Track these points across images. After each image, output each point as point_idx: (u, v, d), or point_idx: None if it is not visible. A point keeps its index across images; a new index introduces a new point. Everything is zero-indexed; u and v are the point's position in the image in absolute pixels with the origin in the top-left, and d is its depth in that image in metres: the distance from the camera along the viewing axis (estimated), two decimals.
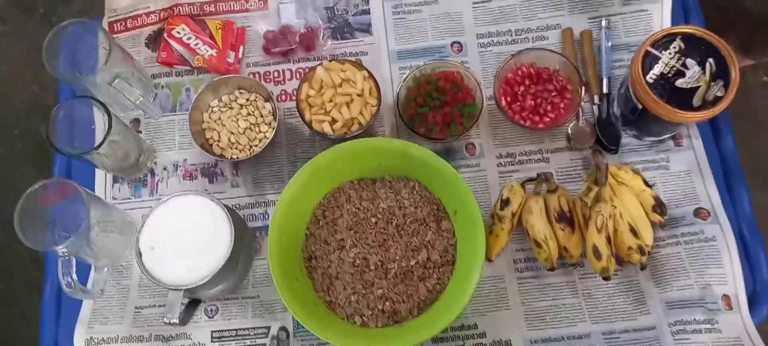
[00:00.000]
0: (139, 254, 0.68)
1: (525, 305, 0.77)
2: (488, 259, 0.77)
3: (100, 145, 0.72)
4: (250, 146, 0.83)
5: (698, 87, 0.73)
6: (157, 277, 0.68)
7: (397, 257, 0.74)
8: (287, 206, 0.74)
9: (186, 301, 0.72)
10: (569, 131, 0.85)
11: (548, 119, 0.83)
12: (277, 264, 0.71)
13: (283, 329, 0.76)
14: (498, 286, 0.78)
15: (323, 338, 0.68)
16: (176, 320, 0.66)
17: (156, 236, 0.69)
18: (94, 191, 0.84)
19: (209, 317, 0.77)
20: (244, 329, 0.76)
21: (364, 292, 0.73)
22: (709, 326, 0.73)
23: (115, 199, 0.84)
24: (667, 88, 0.74)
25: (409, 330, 0.72)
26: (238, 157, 0.81)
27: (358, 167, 0.78)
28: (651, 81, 0.74)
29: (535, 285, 0.78)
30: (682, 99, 0.74)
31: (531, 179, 0.78)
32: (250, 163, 0.85)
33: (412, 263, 0.74)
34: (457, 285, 0.72)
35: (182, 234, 0.69)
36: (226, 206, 0.72)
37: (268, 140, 0.81)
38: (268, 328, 0.76)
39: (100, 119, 0.78)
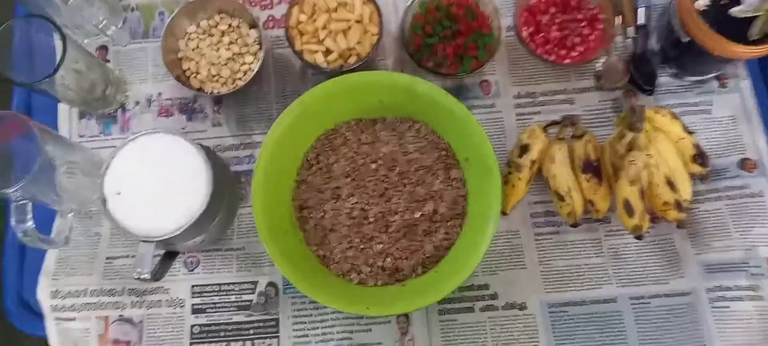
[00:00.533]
0: (104, 200, 0.61)
1: (543, 264, 0.69)
2: (503, 212, 0.69)
3: (53, 73, 0.62)
4: (233, 80, 0.73)
5: (756, 17, 0.64)
6: (126, 226, 0.59)
7: (400, 209, 0.66)
8: (275, 149, 0.66)
9: (160, 253, 0.65)
10: (599, 68, 0.74)
11: (576, 54, 0.73)
12: (262, 214, 0.63)
13: (272, 284, 0.69)
14: (513, 242, 0.70)
15: (314, 299, 0.61)
16: (148, 275, 0.59)
17: (123, 179, 0.61)
18: (56, 128, 0.76)
19: (189, 270, 0.70)
20: (227, 284, 0.69)
21: (362, 246, 0.66)
22: (752, 293, 0.66)
23: (82, 137, 0.75)
24: (718, 18, 0.64)
25: (412, 291, 0.64)
26: (219, 92, 0.72)
27: (357, 106, 0.69)
28: (702, 8, 0.65)
29: (555, 242, 0.70)
30: (735, 30, 0.64)
31: (554, 123, 0.69)
32: (233, 99, 0.76)
33: (417, 215, 0.65)
34: (468, 242, 0.64)
35: (153, 178, 0.61)
36: (205, 147, 0.63)
37: (254, 73, 0.71)
38: (255, 283, 0.69)
39: (58, 45, 0.68)
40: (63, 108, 0.77)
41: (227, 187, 0.67)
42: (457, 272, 0.62)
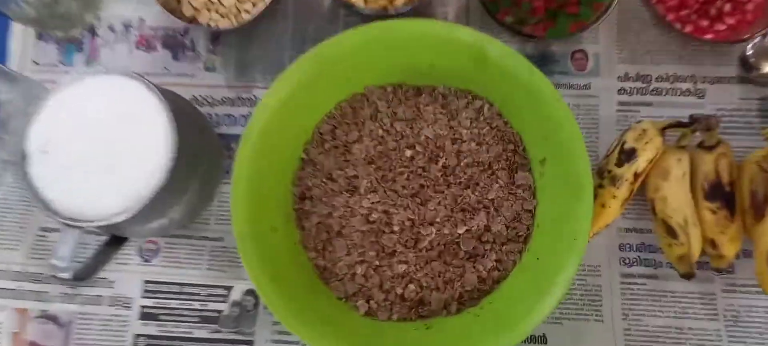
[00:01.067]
0: (24, 158, 0.44)
1: (628, 319, 0.49)
2: None
3: None
4: (238, 11, 0.54)
5: None
6: (46, 199, 0.42)
7: (438, 219, 0.46)
8: (277, 111, 0.47)
9: (103, 237, 0.48)
10: (749, 52, 0.52)
11: (723, 27, 0.51)
12: (244, 197, 0.45)
13: (251, 293, 0.51)
14: (589, 282, 0.51)
15: (294, 333, 0.43)
16: (66, 274, 0.41)
17: (54, 133, 0.43)
18: (5, 50, 0.58)
19: (144, 260, 0.53)
20: (192, 286, 0.51)
21: (378, 263, 0.47)
22: None
23: (36, 64, 0.57)
24: None
25: (439, 336, 0.45)
26: (217, 26, 0.53)
27: (397, 66, 0.49)
28: None
29: (650, 291, 0.50)
30: None
31: (680, 123, 0.49)
32: (235, 38, 0.57)
33: (461, 230, 0.46)
34: (528, 281, 0.45)
35: (96, 137, 0.43)
36: (174, 98, 0.45)
37: (265, 5, 0.53)
38: (229, 289, 0.51)
39: None
40: (17, 27, 0.58)
41: (205, 155, 0.48)
42: (506, 323, 0.43)
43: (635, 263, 0.51)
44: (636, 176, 0.48)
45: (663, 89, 0.53)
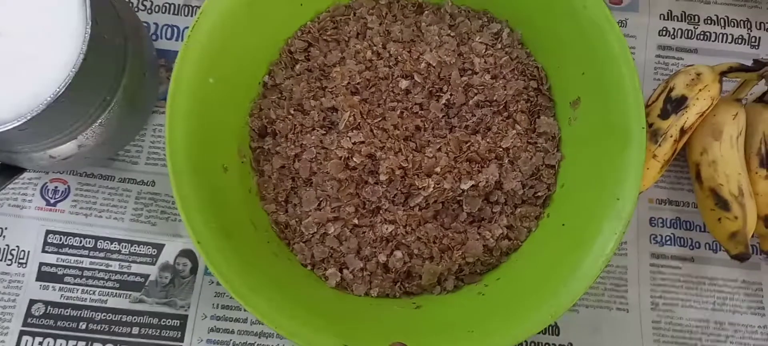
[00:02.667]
0: None
1: (657, 309, 0.41)
2: None
3: None
4: None
5: None
6: None
7: (438, 169, 0.36)
8: (232, 15, 0.36)
9: None
10: None
11: None
12: (183, 123, 0.33)
13: (188, 254, 0.40)
14: (612, 263, 0.42)
15: (246, 307, 0.32)
16: None
17: None
18: None
19: (48, 202, 0.40)
20: (111, 241, 0.40)
21: (356, 222, 0.37)
22: None
23: None
24: None
25: (431, 320, 0.35)
26: None
27: None
28: None
29: (684, 277, 0.42)
30: None
31: (743, 68, 0.40)
32: None
33: (466, 186, 0.36)
34: (553, 252, 0.35)
35: None
36: None
37: None
38: (159, 248, 0.40)
39: None
40: None
41: (134, 67, 0.38)
42: (517, 307, 0.34)
43: (668, 242, 0.42)
44: (682, 131, 0.39)
45: (712, 34, 0.45)
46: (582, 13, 0.35)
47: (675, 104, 0.39)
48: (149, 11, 0.44)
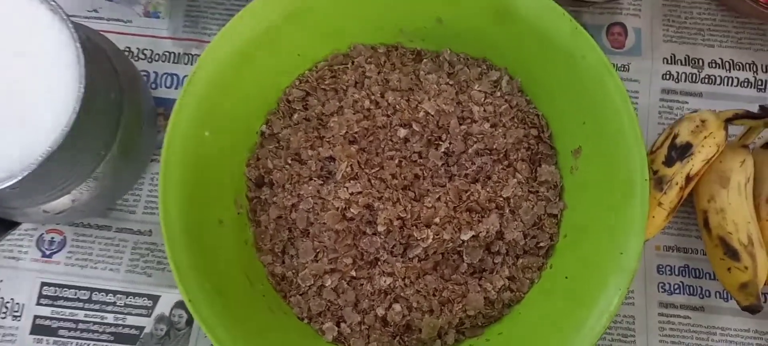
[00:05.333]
0: None
1: None
2: None
3: None
4: None
5: None
6: None
7: (437, 219, 0.36)
8: (229, 66, 0.36)
9: None
10: None
11: None
12: (177, 177, 0.33)
13: (182, 305, 0.39)
14: (619, 313, 0.40)
15: None
16: None
17: None
18: None
19: (44, 254, 0.40)
20: (106, 292, 0.39)
21: (354, 274, 0.36)
22: None
23: None
24: None
25: None
26: None
27: (393, 19, 0.39)
28: None
29: (693, 326, 0.40)
30: None
31: (750, 114, 0.39)
32: None
33: (466, 237, 0.35)
34: (557, 306, 0.34)
35: None
36: (91, 36, 0.34)
37: None
38: (155, 299, 0.39)
39: None
40: None
41: (130, 119, 0.37)
42: None
43: (677, 291, 0.41)
44: (688, 179, 0.38)
45: (716, 77, 0.44)
46: (581, 63, 0.35)
47: (680, 151, 0.38)
48: (149, 60, 0.44)
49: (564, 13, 0.35)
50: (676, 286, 0.42)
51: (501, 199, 0.37)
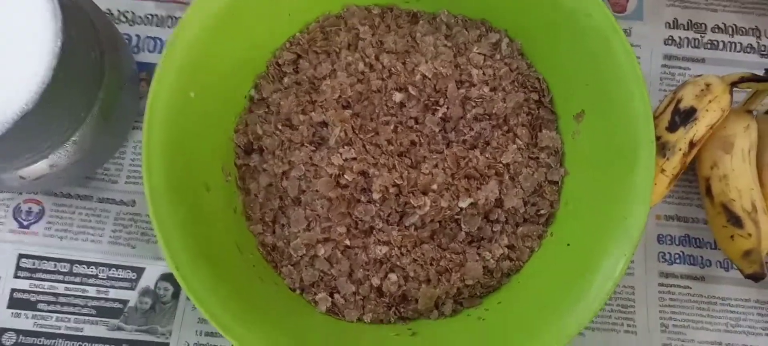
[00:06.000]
0: None
1: (668, 331, 0.39)
2: None
3: None
4: None
5: None
6: None
7: (434, 186, 0.34)
8: (214, 26, 0.33)
9: None
10: None
11: None
12: (161, 140, 0.31)
13: (169, 278, 0.38)
14: (619, 283, 0.38)
15: (232, 339, 0.30)
16: None
17: None
18: None
19: (21, 224, 0.38)
20: (87, 265, 0.37)
21: (348, 243, 0.35)
22: None
23: None
24: None
25: None
26: None
27: None
28: None
29: (695, 297, 0.39)
30: None
31: (756, 77, 0.37)
32: None
33: (464, 204, 0.34)
34: (558, 274, 0.33)
35: None
36: None
37: None
38: (139, 272, 0.37)
39: None
40: None
41: (110, 80, 0.35)
42: (521, 333, 0.32)
43: (677, 261, 0.40)
44: (691, 144, 0.37)
45: (720, 42, 0.43)
46: (585, 22, 0.33)
47: (684, 116, 0.37)
48: (131, 23, 0.42)
49: None
50: (676, 256, 0.41)
51: (500, 165, 0.36)
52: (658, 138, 0.39)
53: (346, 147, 0.35)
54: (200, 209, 0.33)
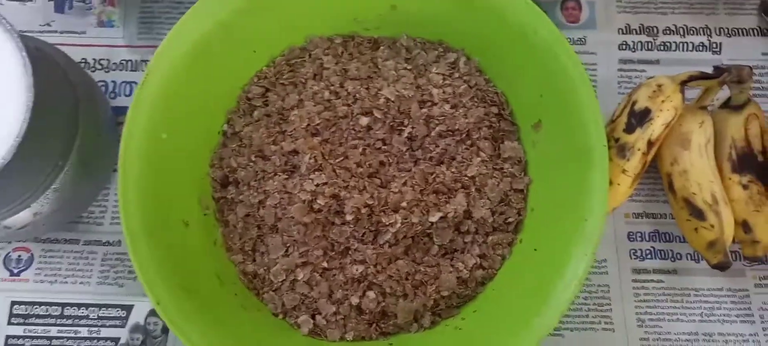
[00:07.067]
0: None
1: (645, 326, 0.39)
2: None
3: None
4: None
5: None
6: None
7: (405, 203, 0.35)
8: (184, 68, 0.35)
9: None
10: None
11: None
12: (136, 183, 0.32)
13: (156, 314, 0.35)
14: (593, 282, 0.40)
15: None
16: None
17: None
18: None
19: (12, 273, 0.39)
20: (78, 306, 0.38)
21: (326, 265, 0.35)
22: None
23: None
24: None
25: None
26: None
27: (348, 9, 0.39)
28: None
29: (668, 290, 0.40)
30: None
31: (704, 75, 0.39)
32: None
33: (434, 218, 0.35)
34: (528, 279, 0.34)
35: None
36: (41, 46, 0.34)
37: None
38: (129, 309, 0.39)
39: None
40: None
41: (87, 129, 0.37)
42: (497, 338, 0.33)
43: (649, 256, 0.41)
44: (650, 144, 0.38)
45: (672, 44, 0.44)
46: (533, 38, 0.35)
47: (639, 117, 0.38)
48: (106, 70, 0.43)
49: None
50: (647, 251, 0.42)
51: (466, 178, 0.37)
52: (616, 140, 0.40)
53: (316, 173, 0.36)
54: (180, 244, 0.34)
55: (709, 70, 0.39)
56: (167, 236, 0.33)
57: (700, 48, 0.44)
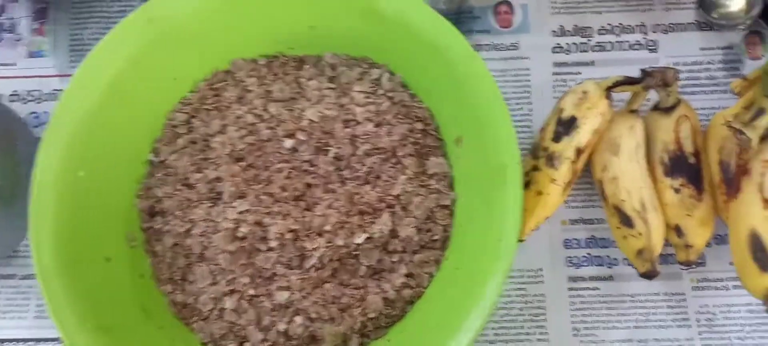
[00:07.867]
0: None
1: (580, 334, 0.39)
2: (518, 239, 0.36)
3: None
4: None
5: None
6: None
7: (328, 226, 0.35)
8: (97, 101, 0.35)
9: None
10: None
11: None
12: (51, 228, 0.32)
13: None
14: (529, 292, 0.40)
15: None
16: None
17: None
18: None
19: None
20: (15, 341, 0.38)
21: (253, 293, 0.35)
22: None
23: None
24: None
25: None
26: None
27: (270, 30, 0.38)
28: None
29: (604, 297, 0.40)
30: None
31: (629, 80, 0.38)
32: (66, 14, 0.44)
33: (360, 240, 0.35)
34: (451, 297, 0.34)
35: None
36: None
37: None
38: None
39: None
40: None
41: (3, 160, 0.37)
42: None
43: (585, 263, 0.41)
44: (578, 152, 0.38)
45: (607, 44, 0.43)
46: (447, 55, 0.34)
47: (566, 126, 0.37)
48: (38, 101, 0.43)
49: (423, 5, 0.34)
50: (583, 258, 0.41)
51: (390, 197, 0.36)
52: (545, 149, 0.39)
53: (239, 200, 0.36)
54: (99, 281, 0.34)
55: (643, 70, 0.38)
56: (84, 273, 0.33)
57: (637, 46, 0.43)
